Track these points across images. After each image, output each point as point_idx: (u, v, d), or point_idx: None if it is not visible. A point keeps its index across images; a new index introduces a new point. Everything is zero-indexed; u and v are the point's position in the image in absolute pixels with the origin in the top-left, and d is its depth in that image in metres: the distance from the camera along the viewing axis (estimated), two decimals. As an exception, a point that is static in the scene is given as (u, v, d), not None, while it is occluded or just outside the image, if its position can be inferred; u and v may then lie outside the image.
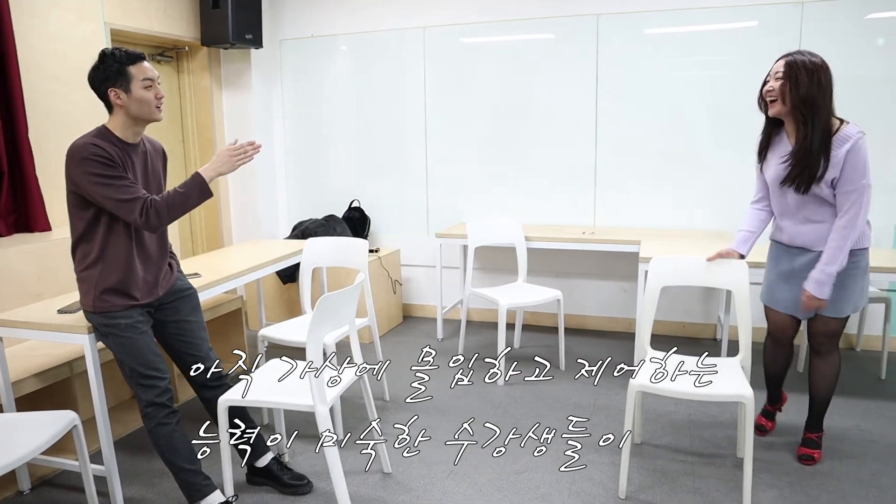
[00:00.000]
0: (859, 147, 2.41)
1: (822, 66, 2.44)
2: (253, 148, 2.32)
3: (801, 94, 2.43)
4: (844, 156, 2.41)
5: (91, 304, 2.30)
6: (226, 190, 5.13)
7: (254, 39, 4.68)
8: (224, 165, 2.29)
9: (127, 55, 2.21)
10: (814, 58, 2.45)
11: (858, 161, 2.41)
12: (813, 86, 2.41)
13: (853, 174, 2.42)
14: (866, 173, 2.43)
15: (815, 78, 2.41)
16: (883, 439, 2.97)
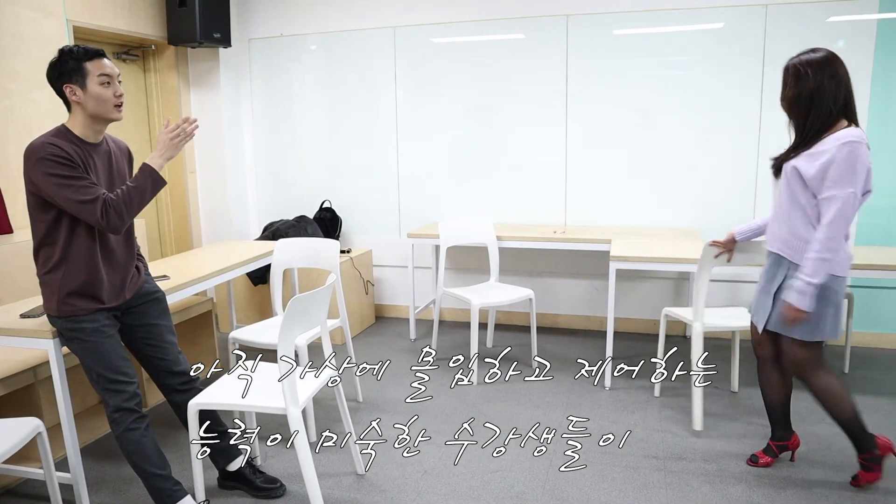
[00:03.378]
0: (851, 150, 2.23)
1: (819, 63, 2.33)
2: (189, 124, 2.28)
3: (793, 96, 2.38)
4: (832, 154, 2.25)
5: (55, 307, 2.24)
6: (195, 191, 5.06)
7: (222, 38, 4.61)
8: (167, 150, 2.26)
9: (84, 51, 2.17)
10: (813, 55, 2.36)
11: (846, 165, 2.23)
12: (804, 87, 2.34)
13: (838, 177, 2.24)
14: (853, 181, 2.24)
15: (806, 77, 2.33)
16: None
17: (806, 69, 2.34)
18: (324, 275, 4.33)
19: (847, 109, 2.35)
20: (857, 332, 4.15)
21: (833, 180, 2.26)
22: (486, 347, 4.33)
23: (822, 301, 2.36)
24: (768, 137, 4.13)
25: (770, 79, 4.06)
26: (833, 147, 2.26)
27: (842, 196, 2.25)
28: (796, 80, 2.37)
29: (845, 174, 2.24)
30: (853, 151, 2.23)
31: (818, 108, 2.33)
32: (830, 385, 2.48)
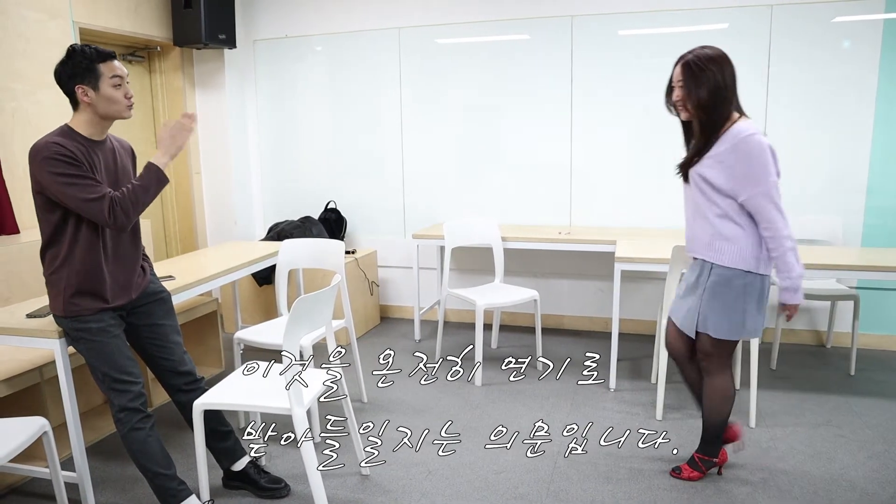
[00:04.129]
0: (749, 144, 2.25)
1: (717, 59, 2.30)
2: (188, 118, 2.30)
3: (699, 96, 2.32)
4: (736, 155, 2.26)
5: (61, 307, 2.25)
6: (200, 192, 5.07)
7: (227, 40, 4.63)
8: (170, 147, 2.28)
9: (97, 52, 2.18)
10: (708, 51, 2.32)
11: (753, 160, 2.25)
12: (709, 83, 2.29)
13: (752, 174, 2.26)
14: (768, 170, 2.26)
15: (709, 75, 2.29)
16: (853, 434, 3.03)
17: (707, 65, 2.30)
18: (329, 275, 4.34)
19: (737, 102, 2.38)
20: (863, 334, 4.13)
21: (749, 178, 2.27)
22: (490, 348, 4.32)
23: (746, 298, 2.38)
24: (774, 138, 4.10)
25: (775, 79, 4.05)
26: (733, 145, 2.27)
27: (764, 189, 2.26)
28: (700, 77, 2.31)
29: (757, 168, 2.25)
30: (755, 143, 2.25)
31: (721, 106, 2.31)
32: (726, 389, 2.52)
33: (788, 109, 4.07)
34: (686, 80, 2.33)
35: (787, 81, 4.04)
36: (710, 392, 2.54)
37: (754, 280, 2.37)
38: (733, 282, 2.37)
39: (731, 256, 2.36)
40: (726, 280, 2.38)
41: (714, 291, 2.40)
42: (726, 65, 2.31)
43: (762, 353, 3.94)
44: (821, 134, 4.04)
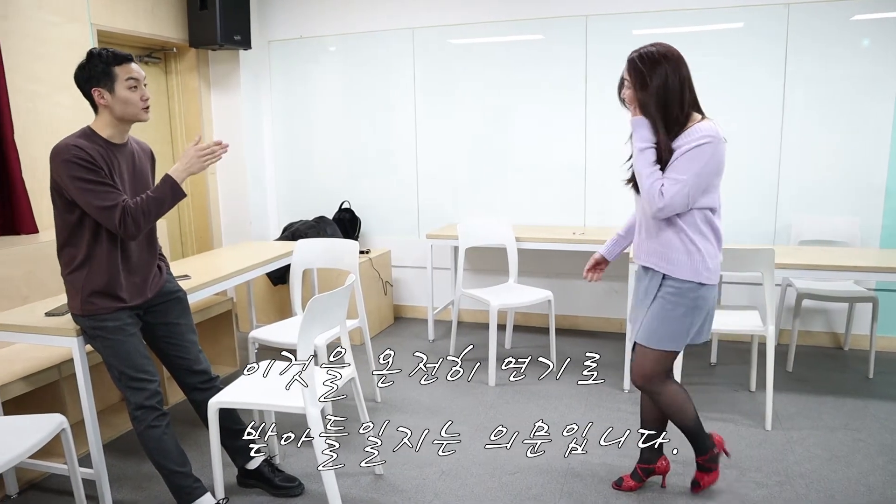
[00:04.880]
0: (703, 149, 2.12)
1: (663, 58, 2.17)
2: (220, 147, 2.30)
3: (645, 96, 2.18)
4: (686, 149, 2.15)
5: (78, 306, 2.28)
6: (215, 192, 5.11)
7: (242, 41, 4.66)
8: (193, 165, 2.28)
9: (113, 55, 2.20)
10: (655, 49, 2.19)
11: (696, 159, 2.13)
12: (654, 84, 2.16)
13: (682, 166, 2.14)
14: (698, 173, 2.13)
15: (655, 76, 2.15)
16: (871, 438, 3.00)
17: (653, 65, 2.17)
18: (343, 275, 4.35)
19: (695, 102, 2.24)
20: (881, 337, 4.08)
21: (680, 166, 2.15)
22: (504, 349, 4.32)
23: (671, 306, 2.27)
24: (790, 137, 4.08)
25: (792, 79, 4.01)
26: (691, 144, 2.14)
27: (683, 181, 2.13)
28: (644, 77, 2.17)
29: (693, 163, 2.13)
30: (708, 151, 2.13)
31: (670, 107, 2.17)
32: (677, 395, 2.41)
33: (805, 109, 4.03)
34: (632, 79, 2.21)
35: (804, 81, 4.00)
36: (668, 409, 2.42)
37: (700, 291, 2.26)
38: (689, 295, 2.26)
39: (686, 269, 2.24)
40: (679, 291, 2.26)
41: (665, 304, 2.28)
42: (677, 64, 2.18)
43: (778, 355, 3.90)
44: (839, 134, 4.00)
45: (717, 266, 2.28)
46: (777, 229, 4.20)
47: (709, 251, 2.25)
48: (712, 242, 2.27)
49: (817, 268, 3.22)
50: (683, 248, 2.24)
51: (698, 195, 2.17)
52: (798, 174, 4.11)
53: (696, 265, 2.24)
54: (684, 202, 2.16)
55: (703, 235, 2.24)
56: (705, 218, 2.24)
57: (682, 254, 2.25)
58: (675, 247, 2.25)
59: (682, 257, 2.25)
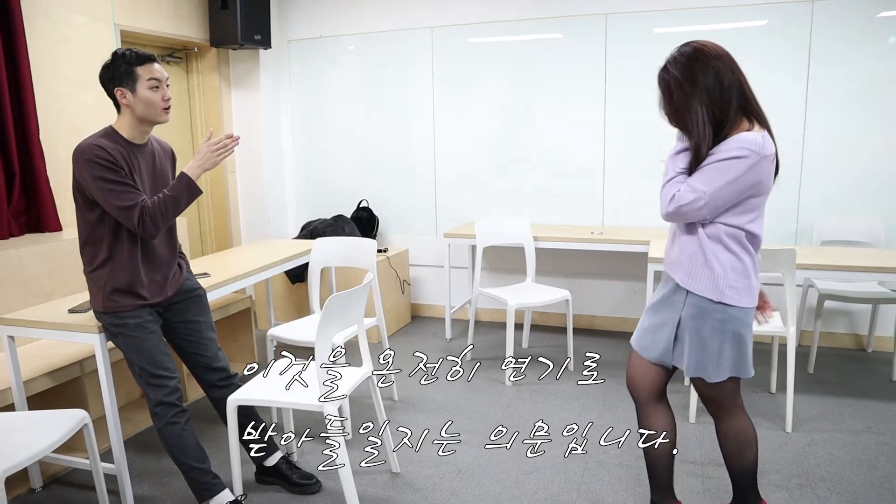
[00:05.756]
0: (736, 164, 1.88)
1: (689, 60, 1.96)
2: (232, 140, 2.30)
3: (673, 107, 2.02)
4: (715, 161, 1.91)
5: (101, 304, 2.31)
6: (234, 190, 5.15)
7: (262, 40, 4.69)
8: (207, 161, 2.28)
9: (136, 56, 2.23)
10: (683, 49, 2.00)
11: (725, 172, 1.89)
12: (681, 90, 1.97)
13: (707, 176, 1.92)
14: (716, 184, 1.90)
15: (680, 79, 1.96)
16: (895, 441, 2.95)
17: (682, 72, 1.98)
18: (361, 274, 4.37)
19: (747, 107, 1.99)
20: (906, 338, 4.02)
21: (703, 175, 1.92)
22: (521, 348, 4.31)
23: (710, 335, 2.01)
24: (813, 137, 4.02)
25: (815, 78, 3.95)
26: (729, 154, 1.90)
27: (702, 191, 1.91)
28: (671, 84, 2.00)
29: (718, 171, 1.90)
30: (743, 165, 1.88)
31: (699, 110, 1.94)
32: (741, 430, 2.14)
33: (828, 108, 3.97)
34: (660, 89, 2.05)
35: (828, 79, 3.94)
36: (723, 438, 2.18)
37: (734, 313, 1.98)
38: (712, 315, 2.00)
39: (707, 285, 1.99)
40: (702, 313, 2.01)
41: (691, 326, 2.04)
42: (715, 63, 1.94)
43: (799, 357, 3.85)
44: (862, 133, 3.94)
45: (746, 287, 1.99)
46: (799, 229, 4.15)
47: (735, 268, 1.97)
48: (742, 260, 1.98)
49: (840, 268, 3.18)
50: (704, 261, 1.99)
51: (721, 210, 1.94)
52: (821, 173, 4.05)
53: (718, 283, 1.97)
54: (698, 214, 1.94)
55: (728, 250, 1.98)
56: (735, 237, 1.98)
57: (702, 267, 2.00)
58: (696, 258, 2.01)
59: (702, 271, 2.00)
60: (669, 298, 2.10)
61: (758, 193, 1.95)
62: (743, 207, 1.95)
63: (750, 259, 2.01)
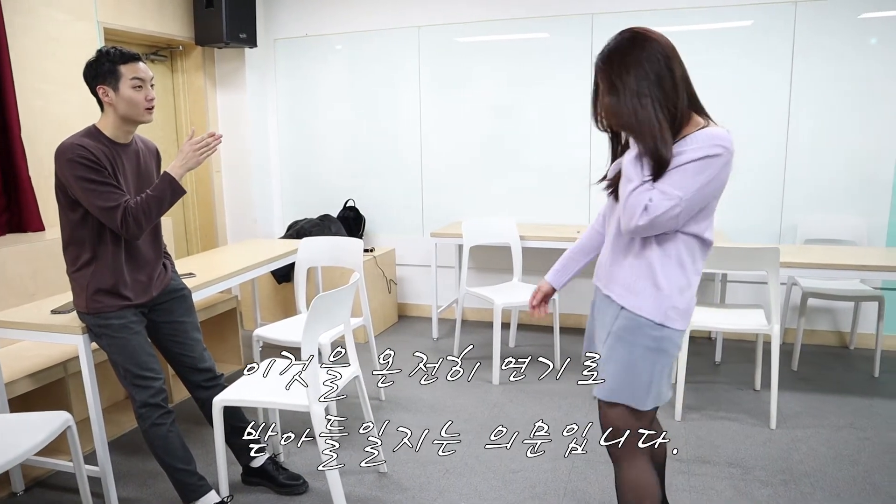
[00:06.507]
0: (713, 162, 1.63)
1: (635, 48, 1.65)
2: (214, 139, 2.29)
3: (615, 104, 1.68)
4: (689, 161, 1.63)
5: (84, 304, 2.29)
6: (220, 190, 5.12)
7: (248, 39, 4.66)
8: (190, 160, 2.27)
9: (121, 54, 2.21)
10: (624, 35, 1.68)
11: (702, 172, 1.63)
12: (626, 83, 1.64)
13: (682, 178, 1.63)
14: (693, 186, 1.62)
15: (626, 70, 1.64)
16: (877, 437, 2.99)
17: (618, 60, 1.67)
18: (347, 273, 4.36)
19: (694, 101, 1.74)
20: (887, 336, 4.06)
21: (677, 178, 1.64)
22: (508, 347, 4.32)
23: (639, 353, 1.76)
24: (797, 136, 4.06)
25: (799, 77, 3.99)
26: (695, 153, 1.63)
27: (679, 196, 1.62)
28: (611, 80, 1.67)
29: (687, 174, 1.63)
30: (719, 164, 1.64)
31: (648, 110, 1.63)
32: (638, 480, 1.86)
33: (812, 107, 4.01)
34: (598, 82, 1.74)
35: (812, 79, 3.98)
36: (621, 485, 1.89)
37: (668, 334, 1.75)
38: (646, 331, 1.75)
39: (650, 305, 1.74)
40: (636, 327, 1.77)
41: (621, 344, 1.79)
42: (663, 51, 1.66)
43: (783, 354, 3.88)
44: (845, 132, 3.98)
45: (688, 309, 1.77)
46: (783, 228, 4.19)
47: (683, 288, 1.75)
48: (690, 279, 1.76)
49: (823, 266, 3.21)
50: (651, 279, 1.74)
51: (689, 217, 1.69)
52: (805, 172, 4.09)
53: (663, 303, 1.73)
54: (672, 224, 1.66)
55: (681, 266, 1.74)
56: (689, 248, 1.74)
57: (649, 285, 1.75)
58: (642, 274, 1.75)
59: (648, 289, 1.75)
60: (605, 318, 1.85)
61: (718, 195, 1.73)
62: (707, 212, 1.74)
63: (697, 278, 1.78)
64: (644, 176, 1.67)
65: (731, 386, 3.60)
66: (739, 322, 3.22)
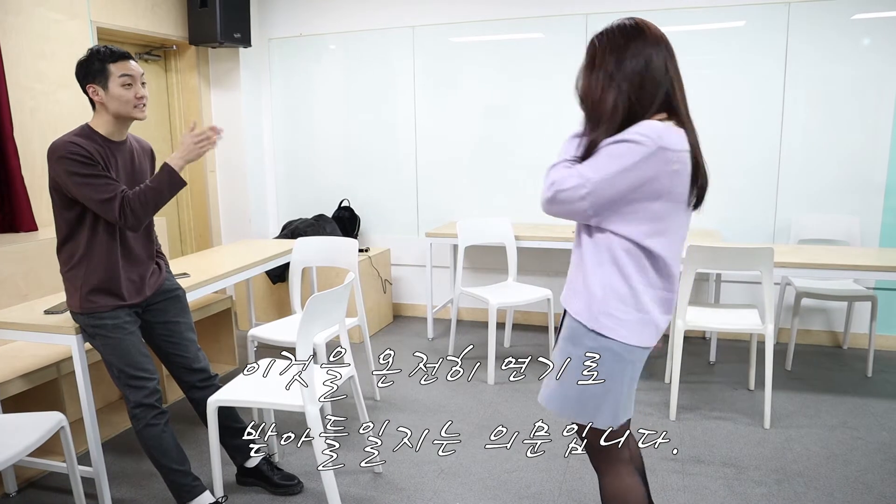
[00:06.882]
0: (622, 148, 1.54)
1: (625, 37, 1.67)
2: (214, 132, 2.28)
3: (589, 82, 1.68)
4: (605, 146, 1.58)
5: (77, 304, 2.28)
6: (215, 189, 5.11)
7: (242, 38, 4.65)
8: (191, 153, 2.26)
9: (110, 52, 2.20)
10: (625, 22, 1.73)
11: (612, 159, 1.55)
12: (604, 65, 1.65)
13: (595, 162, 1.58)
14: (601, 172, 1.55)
15: (608, 54, 1.65)
16: (870, 436, 3.00)
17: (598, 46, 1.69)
18: (342, 273, 4.35)
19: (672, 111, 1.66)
20: (880, 335, 4.08)
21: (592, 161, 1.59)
22: (503, 347, 4.32)
23: (584, 366, 1.67)
24: (790, 136, 4.08)
25: (792, 78, 4.00)
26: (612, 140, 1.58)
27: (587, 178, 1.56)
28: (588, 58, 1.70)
29: (600, 159, 1.57)
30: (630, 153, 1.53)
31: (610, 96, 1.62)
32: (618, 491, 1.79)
33: (806, 108, 4.03)
34: (586, 56, 1.72)
35: (805, 79, 4.00)
36: (604, 499, 1.83)
37: (615, 348, 1.64)
38: (581, 340, 1.67)
39: (580, 305, 1.67)
40: (572, 336, 1.70)
41: (563, 349, 1.73)
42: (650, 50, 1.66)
43: (777, 354, 3.91)
44: (839, 133, 4.00)
45: (634, 320, 1.62)
46: (777, 228, 4.20)
47: (620, 293, 1.62)
48: (632, 287, 1.62)
49: (817, 266, 3.22)
50: (583, 278, 1.67)
51: (607, 208, 1.59)
52: (798, 173, 4.11)
53: (593, 306, 1.63)
54: (581, 207, 1.59)
55: (618, 271, 1.62)
56: (632, 256, 1.61)
57: (580, 285, 1.67)
58: (578, 271, 1.70)
59: (580, 289, 1.67)
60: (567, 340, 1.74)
61: (654, 196, 1.56)
62: (638, 214, 1.58)
63: (648, 288, 1.63)
64: (570, 155, 1.66)
65: (725, 386, 3.61)
66: (733, 322, 3.23)
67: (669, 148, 1.54)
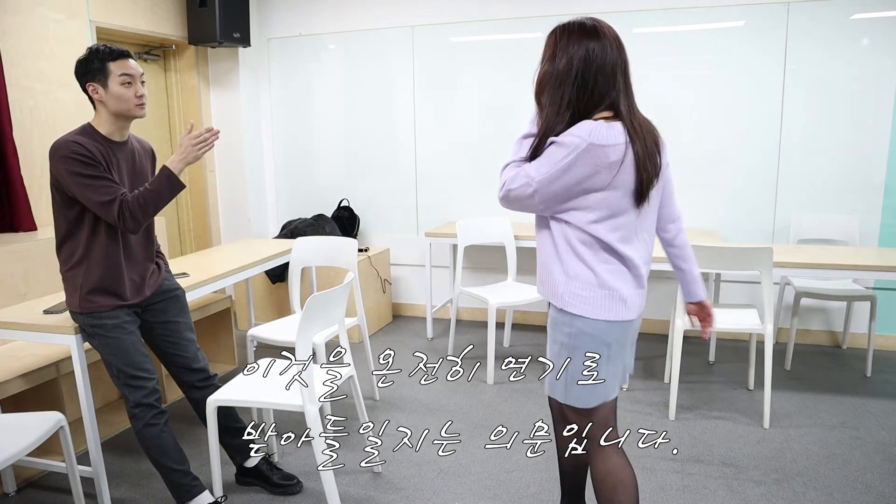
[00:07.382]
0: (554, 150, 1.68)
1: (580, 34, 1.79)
2: (212, 134, 2.28)
3: (542, 75, 1.84)
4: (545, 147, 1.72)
5: (77, 304, 2.28)
6: (214, 189, 5.10)
7: (241, 38, 4.65)
8: (189, 155, 2.26)
9: (109, 51, 2.20)
10: (584, 20, 1.86)
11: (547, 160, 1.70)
12: (554, 61, 1.79)
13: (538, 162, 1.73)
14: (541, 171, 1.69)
15: (562, 50, 1.79)
16: (869, 436, 3.00)
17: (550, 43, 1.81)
18: (342, 273, 4.35)
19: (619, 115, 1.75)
20: (879, 335, 4.09)
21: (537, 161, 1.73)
22: (502, 347, 4.32)
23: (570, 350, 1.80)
24: (789, 135, 4.08)
25: (792, 78, 4.01)
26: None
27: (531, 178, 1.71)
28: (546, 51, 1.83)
29: (544, 164, 1.70)
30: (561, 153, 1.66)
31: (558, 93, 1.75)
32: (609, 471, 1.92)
33: (805, 108, 4.03)
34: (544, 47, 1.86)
35: (804, 79, 4.00)
36: (595, 482, 1.95)
37: (586, 325, 1.75)
38: (560, 327, 1.81)
39: (548, 289, 1.81)
40: (553, 324, 1.84)
41: (549, 335, 1.87)
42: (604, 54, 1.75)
43: (776, 354, 3.91)
44: (838, 132, 4.00)
45: (601, 297, 1.74)
46: (776, 228, 4.20)
47: (581, 276, 1.73)
48: (593, 270, 1.73)
49: (816, 266, 3.22)
50: (546, 264, 1.81)
51: (556, 203, 1.72)
52: (797, 173, 4.11)
53: (558, 287, 1.77)
54: (531, 203, 1.74)
55: (578, 258, 1.74)
56: (587, 245, 1.73)
57: (545, 270, 1.82)
58: (546, 258, 1.82)
59: (545, 274, 1.82)
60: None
61: (597, 188, 1.67)
62: (584, 204, 1.70)
63: (604, 265, 1.73)
64: (519, 155, 1.82)
65: (724, 385, 3.61)
66: (733, 322, 3.23)
67: (601, 144, 1.63)
